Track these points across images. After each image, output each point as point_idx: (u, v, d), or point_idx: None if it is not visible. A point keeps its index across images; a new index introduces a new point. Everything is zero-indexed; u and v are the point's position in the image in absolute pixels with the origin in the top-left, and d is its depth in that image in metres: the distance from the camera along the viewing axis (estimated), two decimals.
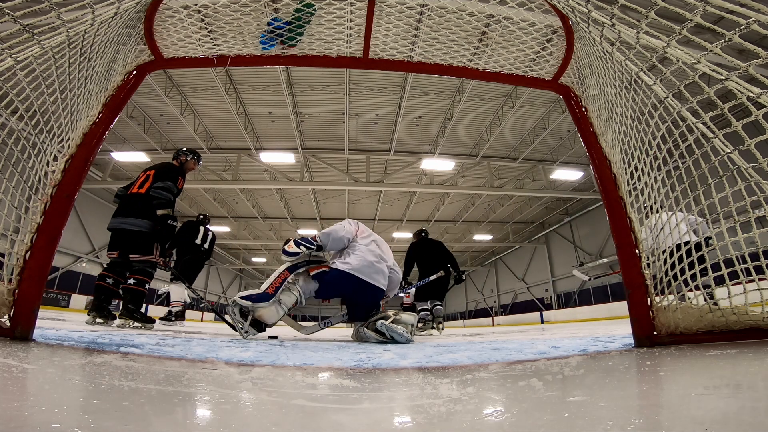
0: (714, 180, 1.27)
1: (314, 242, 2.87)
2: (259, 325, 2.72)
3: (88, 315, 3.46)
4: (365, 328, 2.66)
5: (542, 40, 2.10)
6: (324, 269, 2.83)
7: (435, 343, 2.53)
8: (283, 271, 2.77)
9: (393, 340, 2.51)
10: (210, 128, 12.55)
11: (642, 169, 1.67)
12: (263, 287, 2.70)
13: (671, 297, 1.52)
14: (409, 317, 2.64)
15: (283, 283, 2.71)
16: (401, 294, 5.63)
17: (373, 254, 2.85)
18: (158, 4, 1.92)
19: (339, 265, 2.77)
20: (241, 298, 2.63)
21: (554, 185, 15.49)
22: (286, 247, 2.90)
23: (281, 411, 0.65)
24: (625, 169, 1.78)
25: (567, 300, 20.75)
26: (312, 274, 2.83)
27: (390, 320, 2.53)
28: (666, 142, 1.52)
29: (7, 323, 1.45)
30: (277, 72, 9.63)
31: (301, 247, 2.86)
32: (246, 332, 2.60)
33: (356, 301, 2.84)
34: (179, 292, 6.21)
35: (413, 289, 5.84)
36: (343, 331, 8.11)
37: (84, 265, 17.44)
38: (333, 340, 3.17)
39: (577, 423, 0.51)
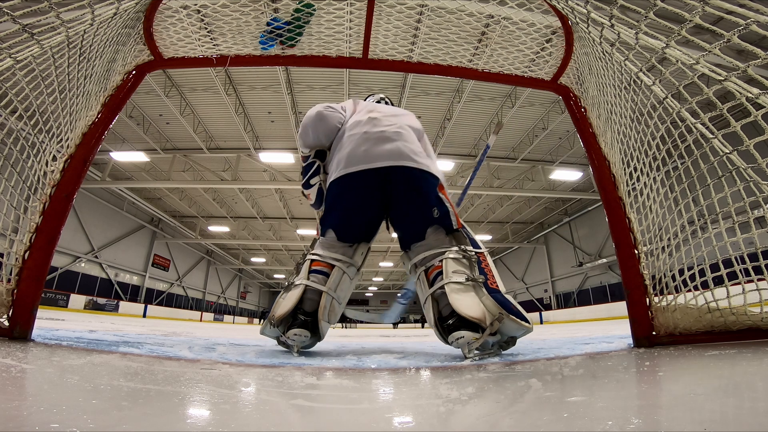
0: (713, 180, 1.28)
1: (305, 153, 1.97)
2: None
3: None
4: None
5: (541, 40, 2.10)
6: (321, 211, 1.95)
7: (433, 343, 2.53)
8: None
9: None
10: (209, 128, 12.54)
11: (641, 170, 1.68)
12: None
13: (670, 297, 1.52)
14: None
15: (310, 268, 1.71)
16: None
17: (366, 120, 1.84)
18: (158, 3, 1.92)
19: (332, 177, 1.81)
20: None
21: (553, 185, 15.51)
22: (303, 190, 2.02)
23: (281, 411, 0.65)
24: (624, 169, 1.78)
25: (566, 300, 20.78)
26: (318, 234, 1.86)
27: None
28: (665, 143, 1.52)
29: (6, 323, 1.45)
30: (276, 72, 9.63)
31: (310, 174, 1.95)
32: None
33: (390, 205, 1.74)
34: None
35: None
36: (342, 330, 8.10)
37: (83, 265, 17.41)
38: (332, 338, 3.17)
39: (576, 423, 0.52)
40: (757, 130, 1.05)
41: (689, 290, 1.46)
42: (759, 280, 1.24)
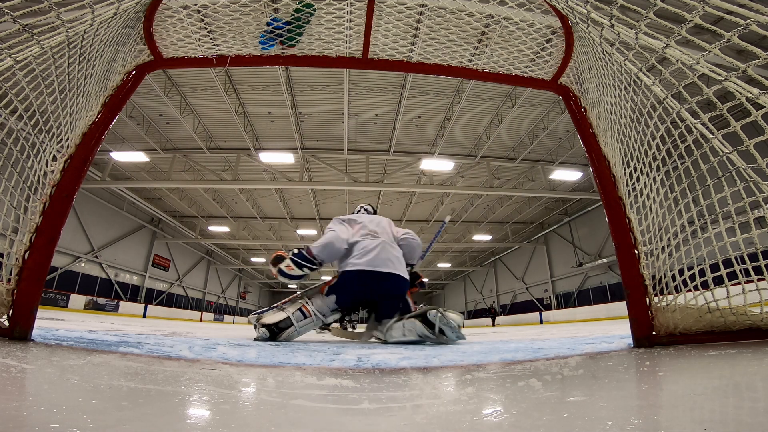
0: (713, 180, 1.28)
1: (314, 260, 2.69)
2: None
3: None
4: (400, 323, 2.43)
5: (541, 40, 2.10)
6: (334, 280, 2.74)
7: (432, 344, 2.53)
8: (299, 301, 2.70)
9: (439, 335, 2.33)
10: (209, 128, 12.54)
11: (641, 170, 1.68)
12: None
13: (670, 297, 1.52)
14: (457, 315, 2.54)
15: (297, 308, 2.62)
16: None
17: (374, 244, 2.74)
18: (158, 4, 1.92)
19: (348, 267, 2.69)
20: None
21: (553, 185, 15.50)
22: (284, 268, 2.69)
23: (280, 411, 0.65)
24: (624, 169, 1.78)
25: (566, 300, 20.78)
26: (324, 291, 2.69)
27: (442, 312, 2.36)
28: (665, 143, 1.52)
29: (6, 323, 1.45)
30: (276, 72, 9.63)
31: (304, 268, 2.69)
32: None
33: (379, 296, 2.68)
34: None
35: None
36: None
37: (83, 265, 17.41)
38: (332, 341, 3.17)
39: (576, 423, 0.52)
40: (757, 130, 1.05)
41: (689, 290, 1.46)
42: (759, 280, 1.24)
